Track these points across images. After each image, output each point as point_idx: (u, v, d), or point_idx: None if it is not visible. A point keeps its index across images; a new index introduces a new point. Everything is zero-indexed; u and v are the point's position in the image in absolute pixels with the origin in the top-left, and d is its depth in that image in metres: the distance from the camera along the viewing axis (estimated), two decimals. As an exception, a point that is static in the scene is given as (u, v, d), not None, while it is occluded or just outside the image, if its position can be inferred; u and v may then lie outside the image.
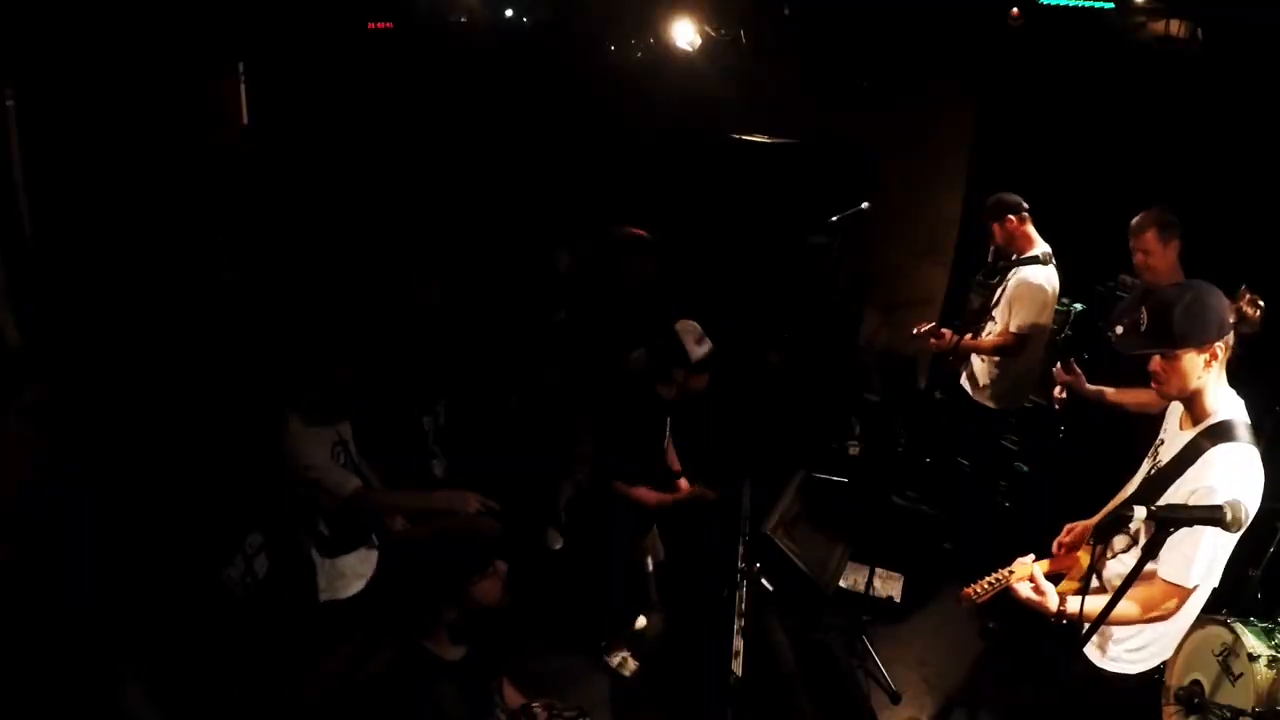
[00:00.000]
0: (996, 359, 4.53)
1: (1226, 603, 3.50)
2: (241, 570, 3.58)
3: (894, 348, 6.54)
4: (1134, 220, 3.89)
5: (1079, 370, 3.66)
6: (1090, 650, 2.59)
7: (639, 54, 8.08)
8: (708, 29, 6.73)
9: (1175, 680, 3.03)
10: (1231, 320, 2.34)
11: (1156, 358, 2.41)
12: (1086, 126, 5.13)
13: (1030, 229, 4.44)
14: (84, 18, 5.96)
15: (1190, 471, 2.37)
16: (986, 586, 2.63)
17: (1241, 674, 2.89)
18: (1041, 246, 4.41)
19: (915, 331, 4.66)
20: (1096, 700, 2.58)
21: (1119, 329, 2.68)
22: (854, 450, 5.15)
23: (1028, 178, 5.56)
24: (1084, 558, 2.69)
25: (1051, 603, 2.42)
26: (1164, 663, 2.57)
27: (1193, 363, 2.35)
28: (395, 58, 8.85)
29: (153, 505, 3.13)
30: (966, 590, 2.67)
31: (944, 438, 5.24)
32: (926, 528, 5.02)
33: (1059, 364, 3.75)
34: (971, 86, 5.98)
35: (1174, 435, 2.54)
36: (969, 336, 4.47)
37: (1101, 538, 2.61)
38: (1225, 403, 2.41)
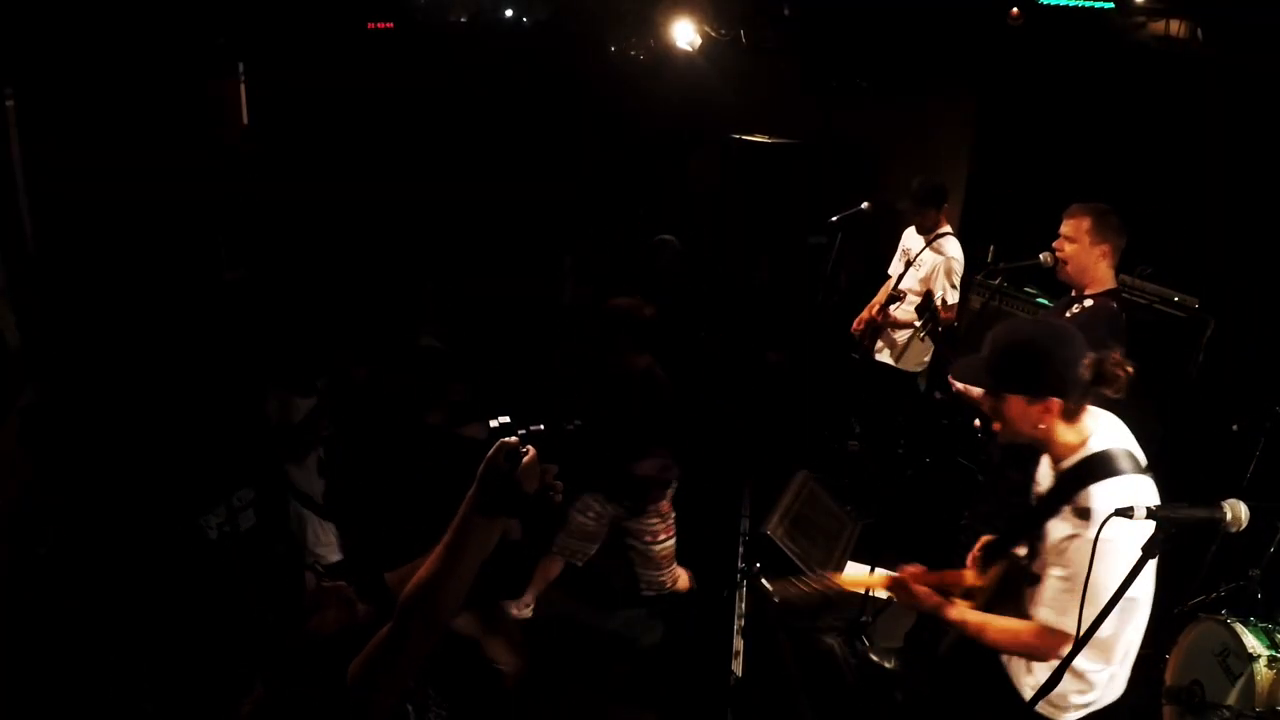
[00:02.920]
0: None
1: (1227, 603, 3.52)
2: (221, 519, 3.50)
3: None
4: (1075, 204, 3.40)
5: None
6: (1044, 709, 2.17)
7: (639, 54, 8.09)
8: (708, 29, 6.73)
9: (1175, 680, 3.03)
10: (1087, 378, 2.02)
11: (981, 392, 2.18)
12: (1086, 126, 5.13)
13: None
14: (84, 18, 5.96)
15: (1065, 513, 2.06)
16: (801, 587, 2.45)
17: (1241, 674, 2.90)
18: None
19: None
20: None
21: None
22: (854, 450, 5.14)
23: (1028, 178, 5.59)
24: (968, 576, 2.40)
25: (926, 601, 2.25)
26: (1167, 656, 2.45)
27: (1022, 412, 2.07)
28: (395, 58, 8.86)
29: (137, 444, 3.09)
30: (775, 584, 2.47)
31: (944, 438, 5.24)
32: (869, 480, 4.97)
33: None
34: (971, 86, 5.98)
35: (1044, 468, 2.23)
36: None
37: (984, 565, 2.35)
38: (1098, 432, 2.09)
